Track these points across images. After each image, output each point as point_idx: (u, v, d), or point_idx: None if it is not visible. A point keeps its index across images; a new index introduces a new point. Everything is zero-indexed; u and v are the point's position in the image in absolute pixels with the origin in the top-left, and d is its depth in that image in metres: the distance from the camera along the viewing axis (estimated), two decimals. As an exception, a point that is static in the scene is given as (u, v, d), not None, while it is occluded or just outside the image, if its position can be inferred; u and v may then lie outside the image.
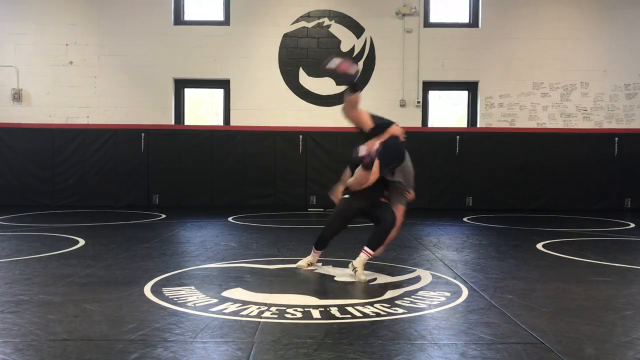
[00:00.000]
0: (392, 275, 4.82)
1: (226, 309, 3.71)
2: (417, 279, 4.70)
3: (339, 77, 4.70)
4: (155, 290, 4.20)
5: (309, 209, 11.20)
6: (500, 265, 5.38)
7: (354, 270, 4.66)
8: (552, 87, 11.81)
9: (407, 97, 11.83)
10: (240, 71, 11.77)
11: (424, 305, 3.83)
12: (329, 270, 5.01)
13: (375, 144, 4.75)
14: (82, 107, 11.80)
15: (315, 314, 3.60)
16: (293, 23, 11.81)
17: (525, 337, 3.17)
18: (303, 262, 5.13)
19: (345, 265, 5.26)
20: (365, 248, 4.74)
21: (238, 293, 4.13)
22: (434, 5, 12.04)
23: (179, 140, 11.43)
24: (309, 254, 5.19)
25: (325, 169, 11.43)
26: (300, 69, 11.82)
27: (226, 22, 11.92)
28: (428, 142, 11.39)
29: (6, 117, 11.64)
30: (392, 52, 11.80)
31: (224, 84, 11.96)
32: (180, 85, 12.07)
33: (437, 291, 4.26)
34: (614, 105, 11.82)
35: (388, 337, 3.17)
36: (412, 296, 4.09)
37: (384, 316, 3.56)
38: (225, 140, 11.45)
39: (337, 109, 11.76)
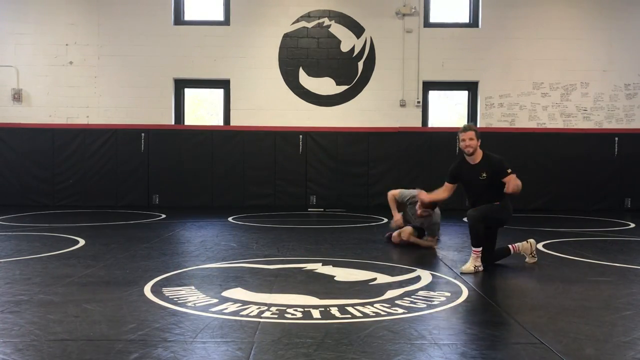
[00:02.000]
0: (392, 275, 4.82)
1: (226, 309, 3.71)
2: (417, 279, 4.70)
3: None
4: (155, 290, 4.20)
5: (309, 209, 11.20)
6: (500, 265, 5.38)
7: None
8: (552, 87, 11.81)
9: (407, 97, 11.82)
10: (240, 71, 11.77)
11: (424, 305, 3.83)
12: (329, 270, 5.01)
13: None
14: (82, 107, 11.80)
15: (315, 314, 3.60)
16: (293, 23, 11.81)
17: (525, 337, 3.17)
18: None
19: (345, 265, 5.27)
20: None
21: (238, 293, 4.13)
22: (434, 5, 12.03)
23: (179, 140, 11.43)
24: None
25: (325, 169, 11.44)
26: (300, 69, 11.82)
27: (226, 22, 11.91)
28: (428, 142, 11.39)
29: (6, 117, 11.64)
30: (392, 52, 11.80)
31: (224, 84, 11.96)
32: (180, 85, 12.07)
33: (437, 291, 4.26)
34: (614, 105, 11.82)
35: (388, 337, 3.17)
36: (412, 296, 4.09)
37: (383, 316, 3.56)
38: (225, 140, 11.45)
39: (337, 109, 11.86)
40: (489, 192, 5.25)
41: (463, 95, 12.20)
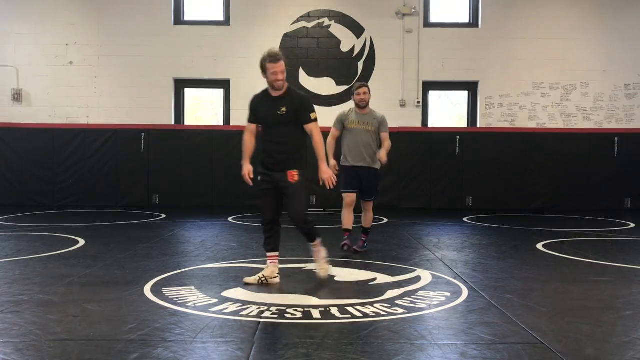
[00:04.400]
0: (392, 275, 4.82)
1: (226, 309, 3.71)
2: (417, 279, 4.70)
3: None
4: (155, 290, 4.20)
5: (309, 209, 11.19)
6: (500, 265, 5.38)
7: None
8: (552, 87, 11.81)
9: (407, 97, 11.82)
10: (240, 71, 11.76)
11: (424, 305, 3.83)
12: (329, 270, 5.01)
13: None
14: (82, 107, 11.80)
15: (315, 314, 3.60)
16: (293, 23, 11.81)
17: (525, 337, 3.17)
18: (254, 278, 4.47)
19: (345, 265, 5.27)
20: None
21: (238, 293, 4.14)
22: (434, 5, 12.03)
23: (179, 140, 11.42)
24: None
25: (325, 169, 11.43)
26: (301, 69, 11.82)
27: (226, 22, 11.91)
28: (428, 142, 11.38)
29: (6, 117, 11.63)
30: (392, 52, 11.79)
31: (224, 84, 11.95)
32: (180, 85, 12.07)
33: (437, 291, 4.26)
34: (614, 105, 11.81)
35: (388, 337, 3.17)
36: (412, 296, 4.09)
37: (384, 316, 3.56)
38: (225, 140, 11.43)
39: (337, 109, 11.82)
40: (284, 136, 4.51)
41: (463, 95, 12.20)
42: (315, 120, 4.62)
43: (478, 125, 11.87)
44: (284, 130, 4.53)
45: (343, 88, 11.84)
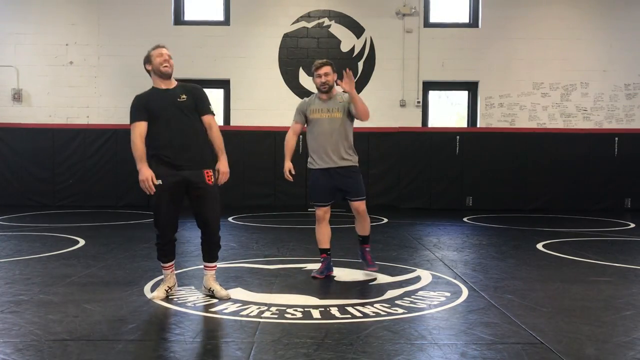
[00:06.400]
0: (392, 275, 4.82)
1: (226, 309, 3.72)
2: (417, 279, 4.70)
3: None
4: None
5: (309, 209, 11.19)
6: (500, 265, 5.38)
7: (211, 290, 4.02)
8: (552, 87, 11.81)
9: (407, 97, 11.82)
10: (240, 71, 11.76)
11: (424, 305, 3.83)
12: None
13: None
14: (82, 107, 11.80)
15: (315, 314, 3.60)
16: (293, 23, 11.81)
17: (525, 337, 3.17)
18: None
19: (345, 265, 5.27)
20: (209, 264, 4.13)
21: (238, 293, 4.14)
22: (434, 5, 12.03)
23: (179, 140, 11.40)
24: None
25: (325, 169, 11.43)
26: (300, 69, 11.82)
27: (226, 22, 11.91)
28: (428, 142, 11.39)
29: (6, 117, 11.63)
30: (392, 52, 11.79)
31: (224, 84, 11.95)
32: (180, 85, 12.04)
33: (437, 291, 4.26)
34: (614, 105, 11.81)
35: (388, 337, 3.17)
36: (412, 296, 4.09)
37: (384, 316, 3.56)
38: (225, 140, 11.35)
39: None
40: (191, 126, 4.09)
41: (463, 95, 12.20)
42: (214, 114, 4.26)
43: (478, 125, 11.87)
44: (189, 120, 4.06)
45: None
